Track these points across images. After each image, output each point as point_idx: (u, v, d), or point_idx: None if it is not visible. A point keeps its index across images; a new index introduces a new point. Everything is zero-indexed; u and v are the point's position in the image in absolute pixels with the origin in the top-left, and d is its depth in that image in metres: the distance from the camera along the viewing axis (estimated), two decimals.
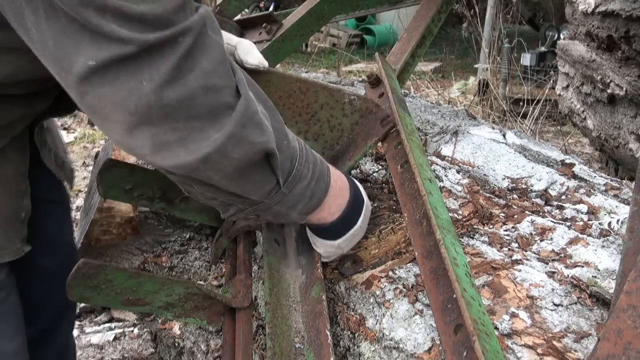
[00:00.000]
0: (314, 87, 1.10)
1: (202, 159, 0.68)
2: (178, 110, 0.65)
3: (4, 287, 0.95)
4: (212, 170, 0.70)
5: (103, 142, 4.09)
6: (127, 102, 0.63)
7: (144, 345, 2.29)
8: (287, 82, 1.09)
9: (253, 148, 0.72)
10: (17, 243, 0.94)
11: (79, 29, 0.61)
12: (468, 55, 7.13)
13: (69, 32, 0.61)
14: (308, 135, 1.15)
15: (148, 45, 0.62)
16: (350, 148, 1.14)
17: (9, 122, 0.89)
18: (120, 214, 1.44)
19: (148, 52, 0.62)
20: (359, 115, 1.12)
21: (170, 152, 0.67)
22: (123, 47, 0.61)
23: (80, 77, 0.62)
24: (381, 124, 1.10)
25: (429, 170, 1.02)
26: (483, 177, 1.37)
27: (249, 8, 6.82)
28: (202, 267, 1.47)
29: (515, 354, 0.80)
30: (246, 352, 1.00)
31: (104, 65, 0.61)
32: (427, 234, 0.87)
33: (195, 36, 0.66)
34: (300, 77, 1.11)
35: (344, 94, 1.11)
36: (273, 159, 0.76)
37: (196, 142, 0.67)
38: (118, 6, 0.61)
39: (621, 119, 2.47)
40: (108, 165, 1.10)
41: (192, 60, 0.65)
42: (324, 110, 1.12)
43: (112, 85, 0.62)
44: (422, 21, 1.57)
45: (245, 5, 1.82)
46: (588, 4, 2.22)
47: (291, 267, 1.11)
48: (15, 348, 1.00)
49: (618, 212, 1.21)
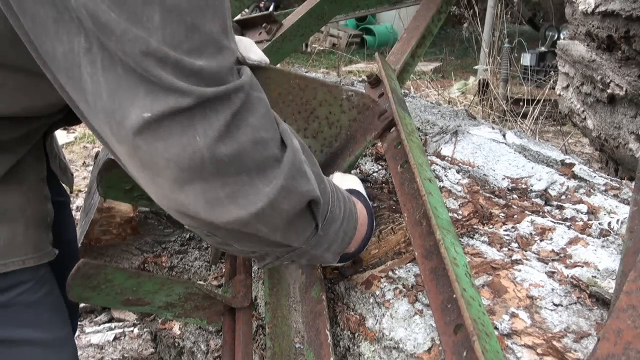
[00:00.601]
0: (312, 83, 1.10)
1: (255, 213, 0.67)
2: (229, 166, 0.64)
3: (47, 281, 0.99)
4: (263, 223, 0.70)
5: None
6: (180, 158, 0.62)
7: (144, 345, 2.29)
8: (286, 78, 1.09)
9: (302, 198, 0.72)
10: (48, 246, 0.97)
11: (136, 80, 0.60)
12: (468, 55, 7.13)
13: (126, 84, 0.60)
14: (307, 133, 1.15)
15: (205, 98, 0.62)
16: (349, 144, 1.14)
17: (26, 132, 0.90)
18: (120, 214, 1.44)
19: (203, 107, 0.62)
20: (357, 112, 1.12)
21: (223, 207, 0.66)
22: (180, 99, 0.60)
23: (134, 130, 0.61)
24: (379, 119, 1.11)
25: (429, 170, 1.02)
26: (483, 177, 1.37)
27: (249, 8, 6.81)
28: (202, 267, 1.47)
29: (515, 354, 0.80)
30: (246, 352, 1.00)
31: (159, 118, 0.60)
32: (427, 234, 0.87)
33: (246, 94, 0.66)
34: (298, 73, 1.11)
35: (341, 90, 1.11)
36: (316, 205, 0.77)
37: (247, 197, 0.66)
38: (179, 59, 0.60)
39: (621, 119, 2.48)
40: (108, 165, 1.09)
41: (242, 116, 0.66)
42: (322, 107, 1.12)
43: (165, 140, 0.61)
44: (422, 21, 1.57)
45: (245, 5, 1.83)
46: (588, 4, 2.22)
47: (291, 267, 1.11)
48: (66, 335, 1.04)
49: (618, 212, 1.21)
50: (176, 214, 0.69)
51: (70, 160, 4.12)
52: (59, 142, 1.22)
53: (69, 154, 4.22)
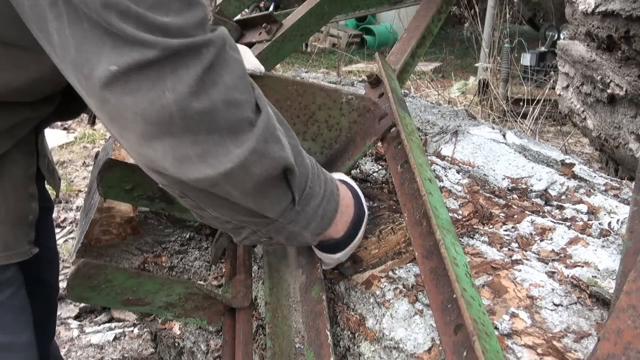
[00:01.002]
0: (311, 88, 1.10)
1: (224, 173, 0.67)
2: (199, 124, 0.64)
3: (14, 282, 0.97)
4: (232, 185, 0.70)
5: (103, 142, 4.10)
6: (148, 112, 0.62)
7: (144, 345, 2.29)
8: (283, 85, 1.09)
9: (274, 163, 0.72)
10: (25, 245, 0.96)
11: (102, 34, 0.60)
12: (468, 55, 7.13)
13: (92, 37, 0.61)
14: (306, 136, 1.15)
15: (171, 51, 0.62)
16: (350, 147, 1.14)
17: (12, 125, 0.89)
18: (120, 214, 1.44)
19: (170, 60, 0.62)
20: (357, 114, 1.12)
21: (191, 165, 0.66)
22: (145, 51, 0.61)
23: (101, 83, 0.61)
24: (379, 122, 1.11)
25: (429, 170, 1.02)
26: (483, 177, 1.37)
27: (249, 8, 6.82)
28: (202, 267, 1.47)
29: (515, 354, 0.80)
30: (246, 352, 1.00)
31: (126, 71, 0.61)
32: (427, 234, 0.87)
33: (217, 50, 0.66)
34: (296, 80, 1.11)
35: (341, 94, 1.11)
36: (291, 174, 0.77)
37: (216, 157, 0.66)
38: (142, 14, 0.61)
39: (621, 119, 2.48)
40: (108, 165, 1.10)
41: (215, 73, 0.65)
42: (321, 110, 1.12)
43: (134, 94, 0.61)
44: (422, 21, 1.57)
45: (245, 5, 1.82)
46: (588, 4, 2.22)
47: (291, 267, 1.11)
48: (27, 340, 1.01)
49: (618, 212, 1.21)
50: (146, 169, 0.70)
51: (70, 160, 4.12)
52: (59, 142, 1.22)
53: (69, 154, 4.22)
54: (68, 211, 3.41)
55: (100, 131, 4.59)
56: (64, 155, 4.17)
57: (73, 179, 3.86)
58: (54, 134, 4.48)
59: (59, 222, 3.27)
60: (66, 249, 2.94)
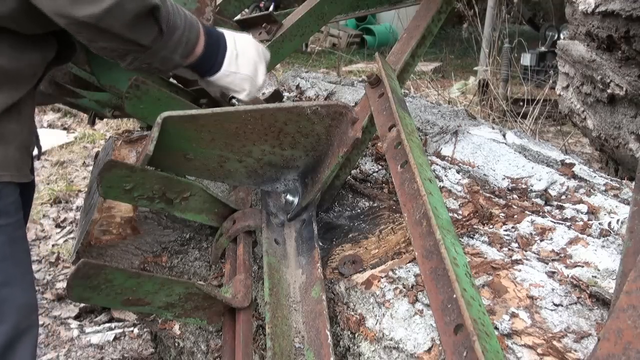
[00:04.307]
0: (267, 112, 1.13)
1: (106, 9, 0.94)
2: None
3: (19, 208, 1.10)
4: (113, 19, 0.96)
5: (103, 142, 4.09)
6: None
7: (144, 345, 2.29)
8: (236, 116, 1.11)
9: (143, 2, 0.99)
10: (28, 171, 1.11)
11: None
12: (468, 55, 7.12)
13: None
14: (284, 146, 1.17)
15: None
16: (329, 152, 1.17)
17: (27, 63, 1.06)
18: (120, 214, 1.44)
19: None
20: (330, 119, 1.15)
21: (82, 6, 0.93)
22: None
23: None
24: (352, 126, 1.12)
25: (429, 170, 1.02)
26: (483, 177, 1.37)
27: (249, 8, 6.81)
28: (202, 267, 1.47)
29: (515, 354, 0.80)
30: (246, 352, 1.00)
31: None
32: (427, 234, 0.87)
33: None
34: (247, 108, 1.12)
35: (302, 108, 1.13)
36: (157, 11, 1.02)
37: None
38: None
39: (621, 119, 2.48)
40: (108, 165, 1.09)
41: None
42: (288, 125, 1.15)
43: None
44: (422, 21, 1.57)
45: (245, 5, 1.83)
46: (588, 4, 2.22)
47: (291, 267, 1.11)
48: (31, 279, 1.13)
49: (618, 212, 1.21)
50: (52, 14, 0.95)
51: (70, 160, 4.12)
52: (59, 142, 1.24)
53: (69, 154, 4.22)
54: (68, 211, 3.41)
55: (100, 131, 4.59)
56: (64, 155, 4.17)
57: (73, 179, 3.86)
58: (54, 134, 4.48)
59: (59, 222, 3.27)
60: (66, 249, 2.94)
